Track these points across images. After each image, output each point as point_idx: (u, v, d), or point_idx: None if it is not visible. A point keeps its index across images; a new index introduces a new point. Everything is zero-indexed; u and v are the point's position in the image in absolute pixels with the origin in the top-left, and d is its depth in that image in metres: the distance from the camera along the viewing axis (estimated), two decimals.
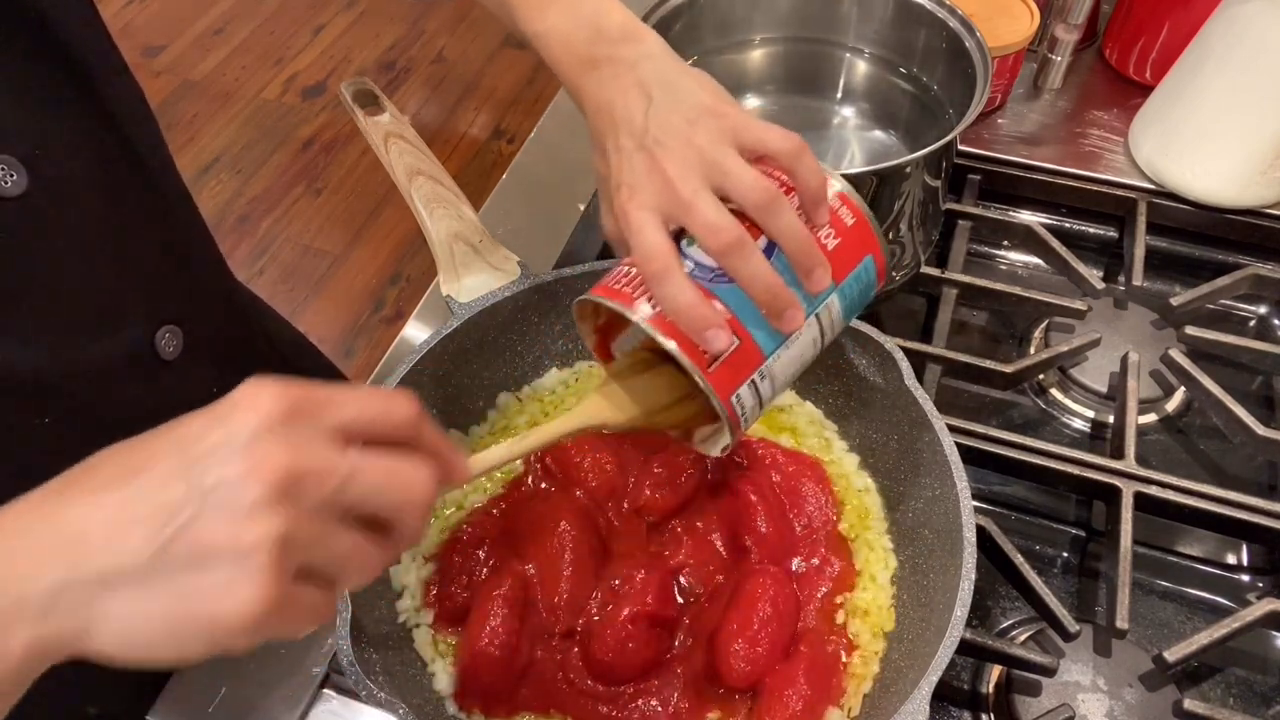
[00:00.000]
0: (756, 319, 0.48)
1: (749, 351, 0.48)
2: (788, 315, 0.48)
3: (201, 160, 2.50)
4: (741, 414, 0.49)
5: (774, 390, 0.51)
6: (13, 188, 0.49)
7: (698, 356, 0.47)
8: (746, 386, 0.48)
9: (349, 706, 0.63)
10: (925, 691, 0.51)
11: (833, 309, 0.51)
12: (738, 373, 0.48)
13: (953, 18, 0.77)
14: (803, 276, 0.48)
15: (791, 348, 0.50)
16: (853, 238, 0.51)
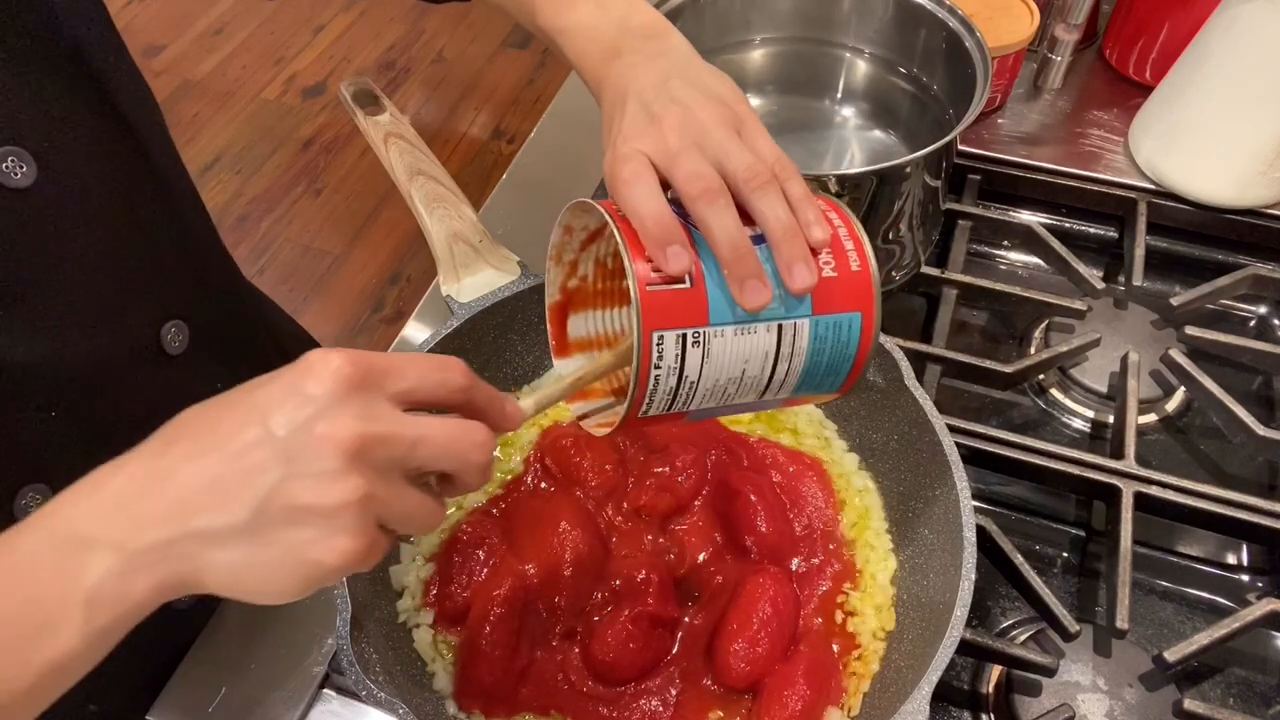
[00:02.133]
0: (719, 281, 0.44)
1: (695, 301, 0.44)
2: (750, 285, 0.44)
3: (202, 160, 2.49)
4: (654, 369, 0.43)
5: (700, 375, 0.45)
6: (22, 180, 0.49)
7: (644, 268, 0.43)
8: (675, 334, 0.43)
9: (349, 706, 0.63)
10: (925, 691, 0.51)
11: (799, 336, 0.46)
12: (673, 313, 0.43)
13: (953, 18, 0.77)
14: (783, 269, 0.45)
15: (739, 338, 0.45)
16: (850, 284, 0.47)
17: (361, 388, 0.38)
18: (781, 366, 0.47)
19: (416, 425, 0.39)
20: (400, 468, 0.39)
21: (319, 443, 0.36)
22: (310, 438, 0.36)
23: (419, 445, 0.39)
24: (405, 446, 0.38)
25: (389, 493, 0.38)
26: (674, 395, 0.45)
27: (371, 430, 0.37)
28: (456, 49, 2.82)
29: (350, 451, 0.36)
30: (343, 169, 2.49)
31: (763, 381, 0.47)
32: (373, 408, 0.38)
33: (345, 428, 0.37)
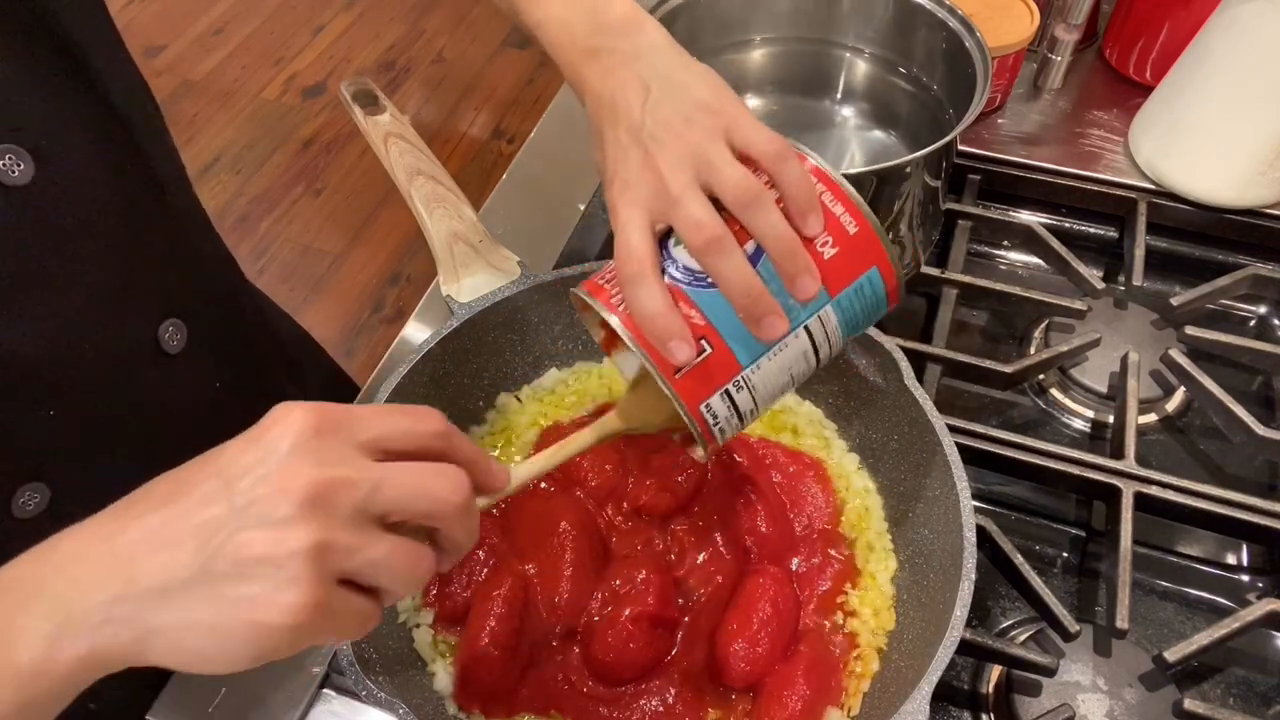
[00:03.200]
0: (736, 327, 0.46)
1: (723, 361, 0.46)
2: (766, 322, 0.46)
3: (201, 160, 2.49)
4: (714, 424, 0.47)
5: (756, 402, 0.48)
6: (20, 177, 0.49)
7: (665, 364, 0.45)
8: (719, 397, 0.46)
9: (349, 706, 0.63)
10: (925, 691, 0.51)
11: (828, 322, 0.48)
12: (708, 382, 0.46)
13: (953, 18, 0.77)
14: (787, 283, 0.46)
15: (775, 359, 0.47)
16: (854, 247, 0.48)
17: (322, 435, 0.37)
18: (823, 350, 0.49)
19: (381, 468, 0.37)
20: (366, 514, 0.37)
21: (272, 491, 0.35)
22: (264, 487, 0.35)
23: (382, 487, 0.37)
24: (367, 489, 0.36)
25: (352, 539, 0.36)
26: (739, 423, 0.49)
27: (328, 474, 0.35)
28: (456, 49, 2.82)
29: (304, 497, 0.35)
30: (343, 169, 2.49)
31: (811, 366, 0.50)
32: (333, 453, 0.36)
33: (300, 474, 0.35)
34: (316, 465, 0.35)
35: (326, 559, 0.35)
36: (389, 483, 0.37)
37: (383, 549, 0.37)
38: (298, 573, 0.34)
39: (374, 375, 0.80)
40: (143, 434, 0.61)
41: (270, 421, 0.37)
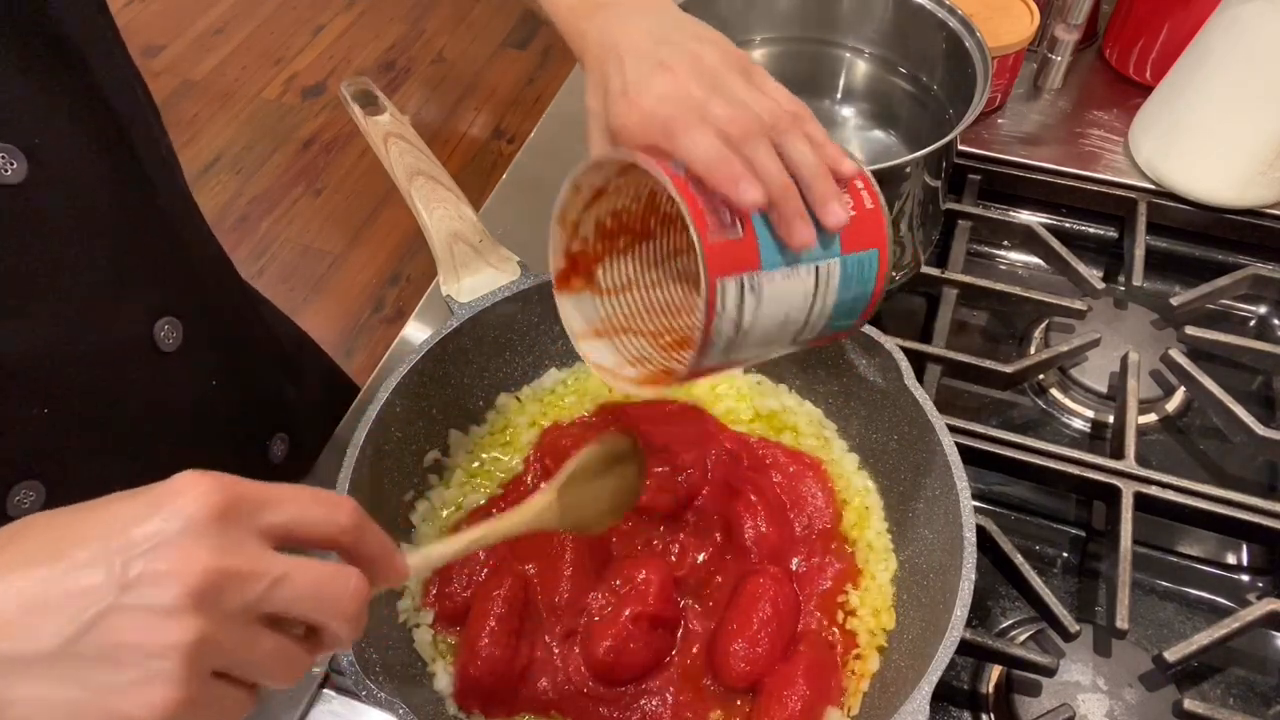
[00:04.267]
0: (764, 225, 0.45)
1: (748, 250, 0.45)
2: (797, 224, 0.44)
3: (201, 160, 2.49)
4: (720, 310, 0.44)
5: (753, 321, 0.46)
6: (12, 176, 0.49)
7: (702, 220, 0.44)
8: (735, 281, 0.44)
9: (349, 706, 0.63)
10: (925, 691, 0.51)
11: (832, 275, 0.48)
12: (733, 261, 0.44)
13: (953, 18, 0.77)
14: (817, 208, 0.45)
15: (785, 281, 0.46)
16: (867, 222, 0.49)
17: (227, 517, 0.34)
18: (817, 306, 0.48)
19: (281, 563, 0.35)
20: (255, 611, 0.34)
21: (161, 573, 0.32)
22: (153, 565, 0.32)
23: (280, 586, 0.34)
24: (263, 586, 0.34)
25: (236, 637, 0.33)
26: (730, 345, 0.46)
27: (224, 564, 0.33)
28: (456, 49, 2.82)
29: (195, 587, 0.32)
30: (343, 169, 2.49)
31: (800, 323, 0.48)
32: (234, 540, 0.34)
33: (194, 560, 0.32)
34: (215, 552, 0.33)
35: (205, 655, 0.33)
36: (287, 583, 0.35)
37: (265, 648, 0.35)
38: (172, 669, 0.32)
39: (374, 375, 0.80)
40: (139, 432, 0.61)
41: (175, 490, 0.34)
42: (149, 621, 0.32)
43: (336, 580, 0.36)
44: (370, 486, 0.62)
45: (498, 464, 0.70)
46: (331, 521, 0.37)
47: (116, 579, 0.32)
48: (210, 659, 0.33)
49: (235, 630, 0.34)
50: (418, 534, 0.66)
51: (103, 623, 0.32)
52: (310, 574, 0.35)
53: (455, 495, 0.68)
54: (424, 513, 0.67)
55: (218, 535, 0.33)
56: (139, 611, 0.32)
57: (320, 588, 0.36)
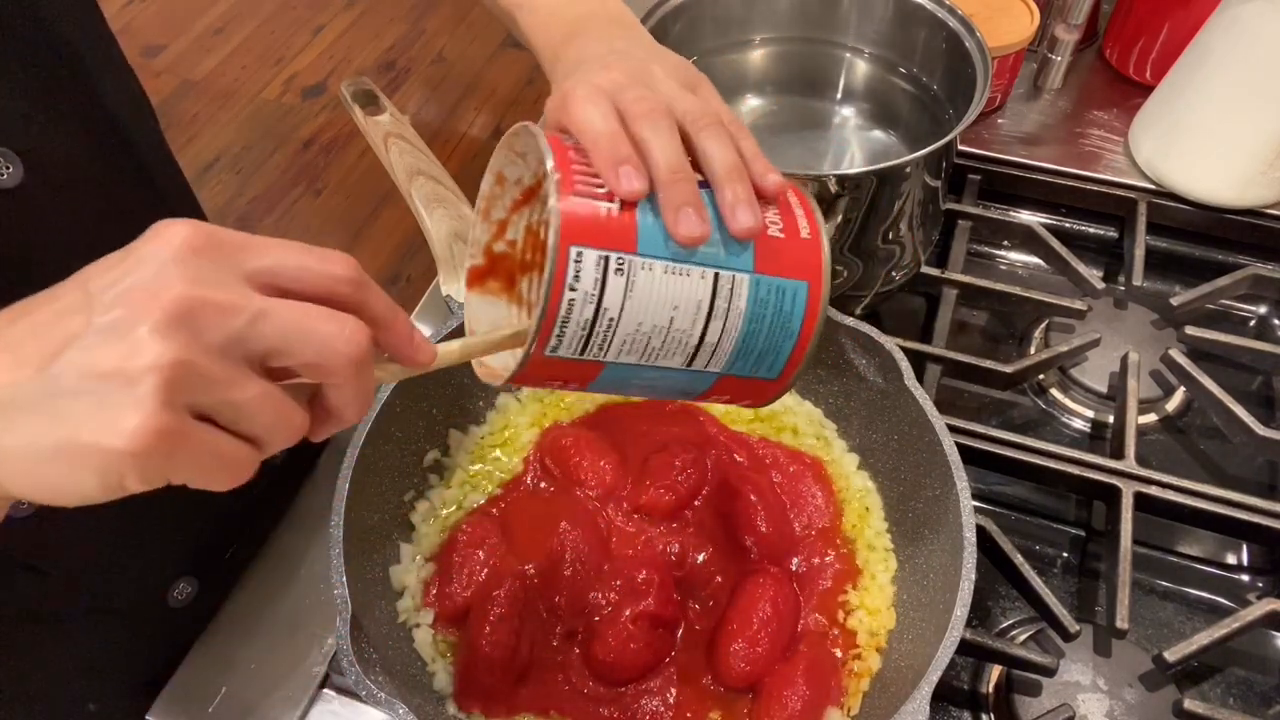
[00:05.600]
0: (652, 210, 0.41)
1: (624, 224, 0.40)
2: (685, 213, 0.40)
3: (201, 160, 2.49)
4: (571, 283, 0.39)
5: (621, 312, 0.40)
6: (8, 180, 0.49)
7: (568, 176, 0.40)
8: (596, 254, 0.39)
9: (349, 706, 0.63)
10: (925, 691, 0.51)
11: (737, 292, 0.42)
12: (598, 231, 0.39)
13: (953, 18, 0.77)
14: (724, 210, 0.42)
15: (670, 276, 0.41)
16: (797, 249, 0.44)
17: (205, 253, 0.33)
18: (715, 325, 0.42)
19: (265, 300, 0.33)
20: (239, 347, 0.32)
21: (136, 300, 0.31)
22: (127, 295, 0.31)
23: (262, 320, 0.32)
24: (245, 319, 0.32)
25: (215, 370, 0.32)
26: (589, 331, 0.40)
27: (199, 293, 0.32)
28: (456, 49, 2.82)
29: (170, 313, 0.31)
30: (343, 169, 2.49)
31: (693, 339, 0.42)
32: (213, 274, 0.32)
33: (169, 288, 0.31)
34: (189, 283, 0.32)
35: (181, 384, 0.31)
36: (271, 316, 0.33)
37: (250, 391, 0.33)
38: (144, 393, 0.31)
39: None
40: None
41: (149, 235, 0.33)
42: (122, 349, 0.31)
43: (327, 319, 0.34)
44: (370, 486, 0.62)
45: (498, 464, 0.70)
46: (324, 271, 0.35)
47: (93, 321, 0.31)
48: (189, 388, 0.32)
49: (214, 362, 0.32)
50: (418, 534, 0.66)
51: (79, 358, 0.31)
52: (295, 310, 0.33)
53: (455, 495, 0.68)
54: (424, 513, 0.67)
55: (194, 269, 0.32)
56: (113, 340, 0.31)
57: (310, 324, 0.33)
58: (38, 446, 0.32)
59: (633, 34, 0.52)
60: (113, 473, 0.32)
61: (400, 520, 0.66)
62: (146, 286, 0.32)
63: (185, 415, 0.32)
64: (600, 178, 0.41)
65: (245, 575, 0.70)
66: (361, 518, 0.60)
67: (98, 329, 0.31)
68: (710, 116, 0.44)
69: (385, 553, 0.64)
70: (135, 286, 0.32)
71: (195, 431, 0.32)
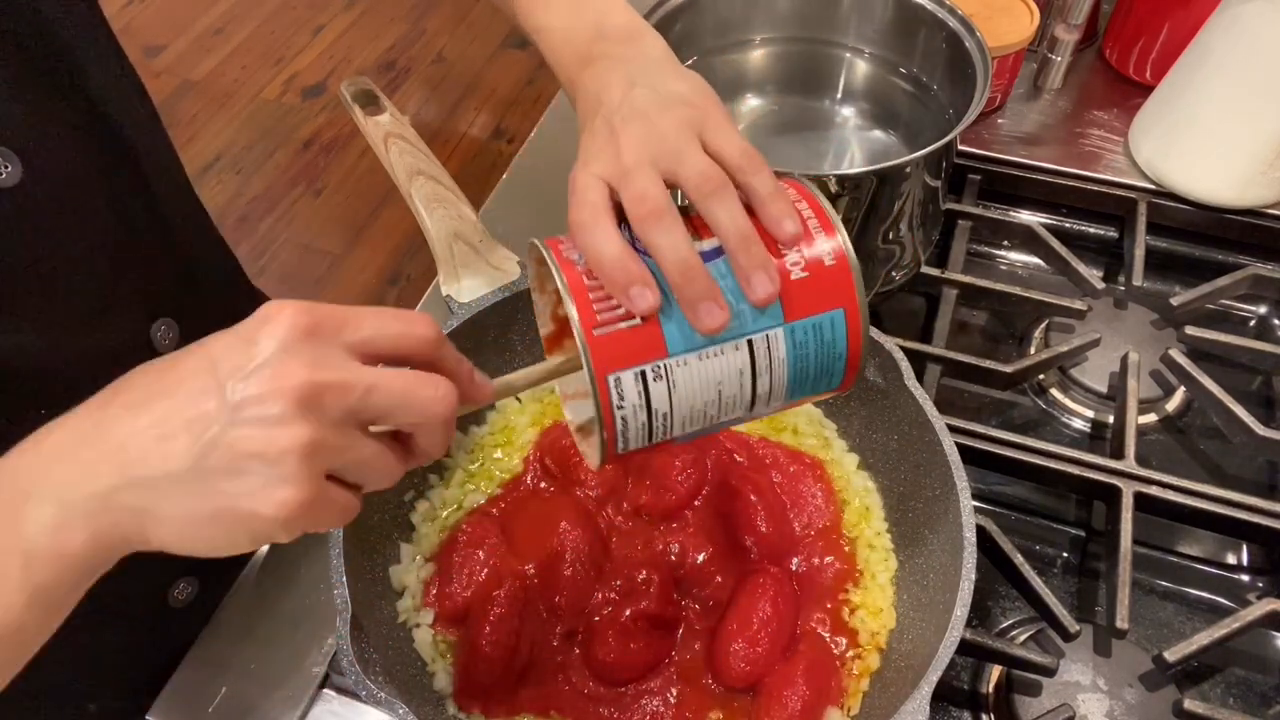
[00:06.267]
0: (672, 310, 0.43)
1: (649, 337, 0.42)
2: (703, 308, 0.42)
3: (201, 160, 2.49)
4: (618, 407, 0.42)
5: (672, 407, 0.43)
6: (7, 179, 0.49)
7: (588, 313, 0.42)
8: (633, 375, 0.42)
9: (349, 706, 0.63)
10: (925, 691, 0.51)
11: (775, 347, 0.44)
12: (628, 352, 0.42)
13: (953, 18, 0.77)
14: (741, 279, 0.43)
15: (706, 361, 0.43)
16: (826, 280, 0.44)
17: (315, 336, 0.37)
18: (762, 380, 0.45)
19: (371, 373, 0.38)
20: (354, 417, 0.38)
21: (266, 391, 0.36)
22: (258, 386, 0.36)
23: (373, 392, 0.38)
24: (358, 393, 0.37)
25: (341, 440, 0.37)
26: (649, 429, 0.44)
27: (321, 377, 0.36)
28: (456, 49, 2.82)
29: (298, 398, 0.36)
30: (343, 169, 2.49)
31: (745, 397, 0.45)
32: (325, 355, 0.37)
33: (293, 375, 0.36)
34: (309, 367, 0.36)
35: (317, 457, 0.36)
36: (380, 389, 0.38)
37: (368, 451, 0.39)
38: (291, 470, 0.36)
39: None
40: None
41: (261, 319, 0.37)
42: (263, 433, 0.35)
43: (425, 385, 0.39)
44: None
45: (498, 464, 0.70)
46: (410, 334, 0.40)
47: (228, 402, 0.36)
48: (322, 460, 0.37)
49: (339, 434, 0.37)
50: (418, 534, 0.66)
51: (223, 440, 0.35)
52: (399, 380, 0.38)
53: (455, 495, 0.68)
54: (424, 513, 0.67)
55: (309, 352, 0.37)
56: (253, 426, 0.35)
57: (410, 392, 0.39)
58: (196, 514, 0.36)
59: (639, 48, 0.52)
60: (264, 535, 0.37)
61: (400, 520, 0.66)
62: (273, 375, 0.36)
63: (320, 481, 0.37)
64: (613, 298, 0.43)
65: (245, 575, 0.70)
66: (361, 518, 0.59)
67: (237, 415, 0.36)
68: (712, 179, 0.44)
69: (385, 553, 0.64)
70: (262, 373, 0.36)
71: (327, 492, 0.38)
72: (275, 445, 0.35)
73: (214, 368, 0.37)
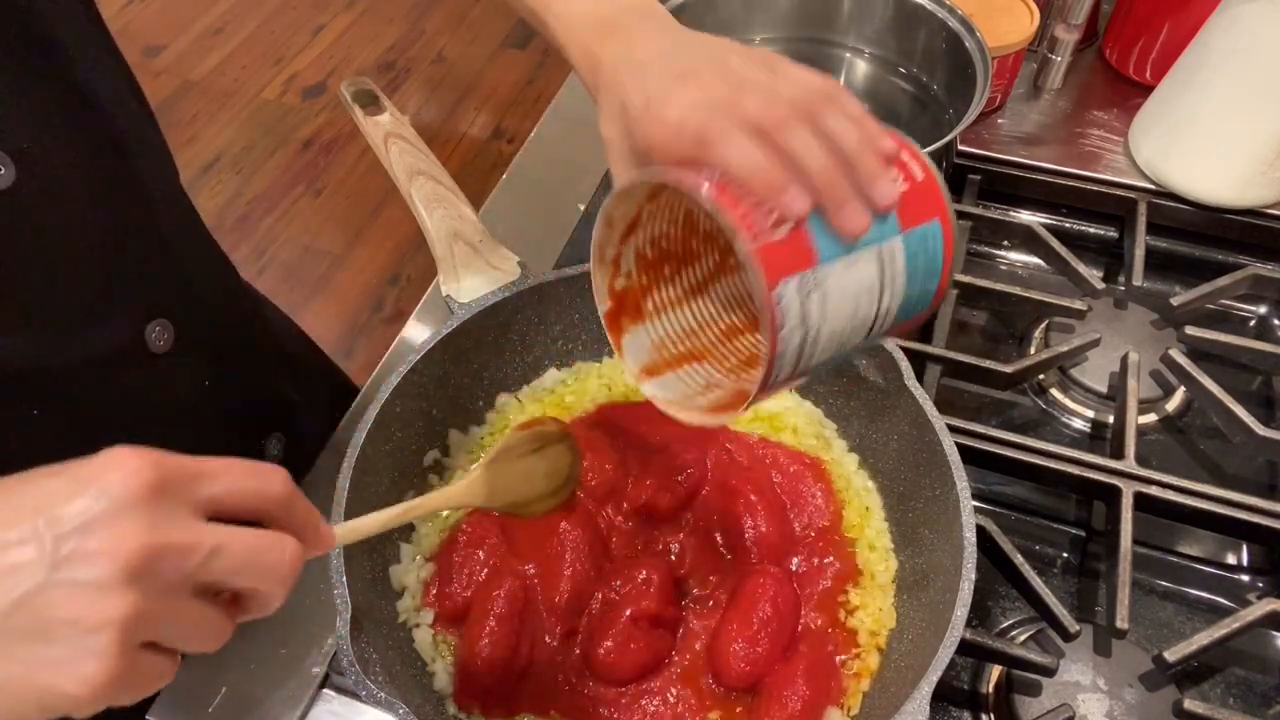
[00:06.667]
0: (813, 219, 0.42)
1: (801, 243, 0.41)
2: (849, 209, 0.41)
3: (201, 160, 2.49)
4: (784, 317, 0.41)
5: (823, 324, 0.43)
6: (2, 181, 0.49)
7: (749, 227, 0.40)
8: (794, 283, 0.41)
9: (349, 706, 0.63)
10: (925, 691, 0.51)
11: (896, 258, 0.44)
12: (788, 261, 0.41)
13: (953, 18, 0.77)
14: (865, 187, 0.42)
15: (847, 272, 0.43)
16: (921, 194, 0.45)
17: (161, 492, 0.34)
18: (885, 296, 0.45)
19: (215, 535, 0.35)
20: (190, 582, 0.35)
21: (95, 550, 0.32)
22: (87, 543, 0.32)
23: (216, 557, 0.35)
24: (199, 558, 0.34)
25: (168, 610, 0.34)
26: (800, 352, 0.43)
27: (159, 540, 0.33)
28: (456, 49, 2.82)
29: (129, 563, 0.32)
30: (343, 169, 2.49)
31: (870, 316, 0.45)
32: (168, 515, 0.34)
33: (129, 536, 0.32)
34: (148, 529, 0.33)
35: (138, 629, 0.33)
36: (223, 553, 0.35)
37: (195, 618, 0.35)
38: (106, 644, 0.32)
39: (374, 375, 0.80)
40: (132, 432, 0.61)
41: (104, 466, 0.34)
42: (83, 597, 0.32)
43: (273, 549, 0.37)
44: (370, 486, 0.62)
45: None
46: (263, 493, 0.38)
47: (48, 556, 0.32)
48: (143, 632, 0.33)
49: (168, 603, 0.34)
50: (418, 534, 0.66)
51: (36, 599, 0.32)
52: (244, 543, 0.36)
53: None
54: None
55: (150, 511, 0.33)
56: (72, 588, 0.32)
57: (256, 557, 0.36)
58: None
59: (664, 21, 0.51)
60: (55, 710, 0.33)
61: None
62: (104, 533, 0.32)
63: (135, 653, 0.33)
64: (763, 205, 0.41)
65: None
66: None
67: (57, 573, 0.32)
68: (820, 97, 0.43)
69: (385, 553, 0.64)
70: (93, 533, 0.32)
71: (140, 665, 0.34)
72: (94, 614, 0.32)
73: (42, 511, 0.33)
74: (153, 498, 0.34)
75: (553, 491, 0.59)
